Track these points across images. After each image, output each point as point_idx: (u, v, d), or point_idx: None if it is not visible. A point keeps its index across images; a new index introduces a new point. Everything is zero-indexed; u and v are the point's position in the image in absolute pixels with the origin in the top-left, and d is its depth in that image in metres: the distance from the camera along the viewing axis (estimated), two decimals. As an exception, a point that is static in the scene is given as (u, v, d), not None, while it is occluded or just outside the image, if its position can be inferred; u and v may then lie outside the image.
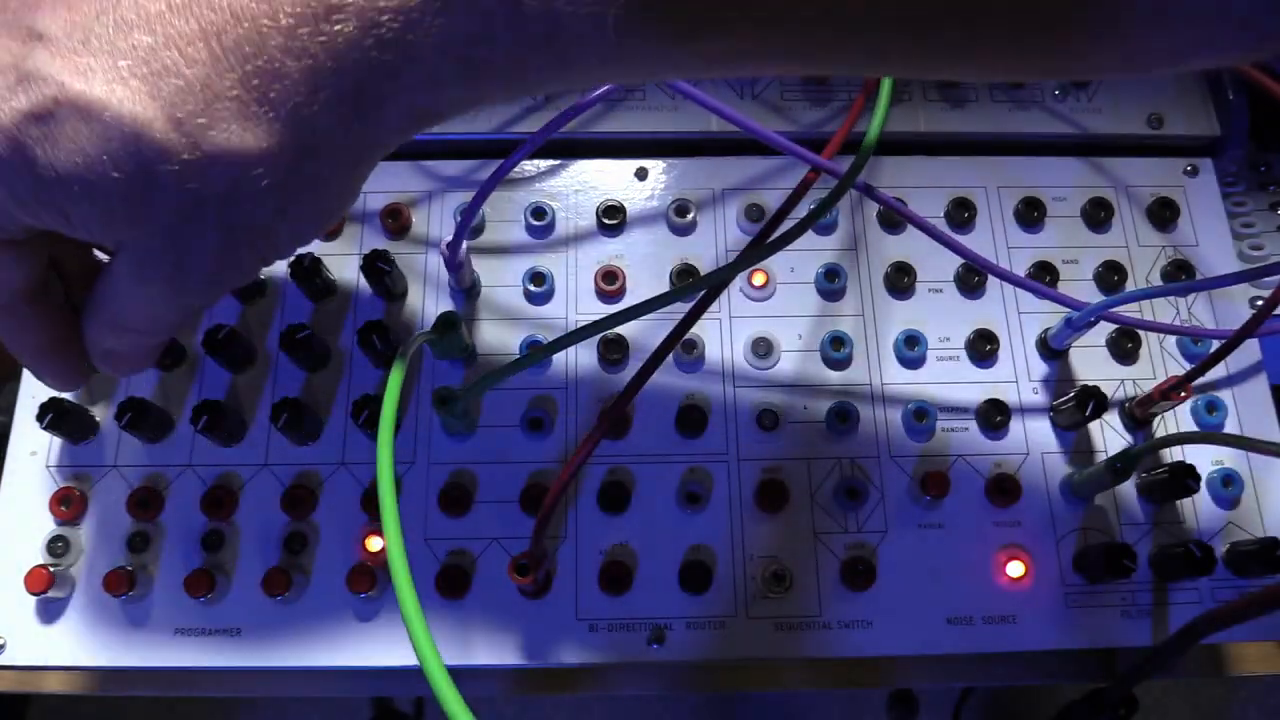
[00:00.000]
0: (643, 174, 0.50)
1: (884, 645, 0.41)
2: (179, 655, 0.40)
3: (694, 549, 0.43)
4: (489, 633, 0.41)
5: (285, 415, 0.41)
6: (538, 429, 0.44)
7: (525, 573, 0.38)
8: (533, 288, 0.46)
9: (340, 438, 0.44)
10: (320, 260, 0.45)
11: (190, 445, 0.44)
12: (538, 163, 0.49)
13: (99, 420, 0.44)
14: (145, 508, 0.42)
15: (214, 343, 0.42)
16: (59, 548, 0.41)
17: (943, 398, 0.46)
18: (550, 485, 0.42)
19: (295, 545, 0.42)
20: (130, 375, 0.41)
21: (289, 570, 0.40)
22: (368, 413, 0.42)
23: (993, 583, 0.43)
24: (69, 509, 0.42)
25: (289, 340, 0.42)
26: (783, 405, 0.45)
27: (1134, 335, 0.47)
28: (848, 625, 0.42)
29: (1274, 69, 0.49)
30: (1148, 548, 0.43)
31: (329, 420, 0.44)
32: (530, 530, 0.38)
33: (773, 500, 0.43)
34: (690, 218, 0.48)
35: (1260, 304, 0.40)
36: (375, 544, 0.42)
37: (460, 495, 0.42)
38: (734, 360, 0.46)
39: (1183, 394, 0.43)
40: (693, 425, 0.43)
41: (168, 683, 0.45)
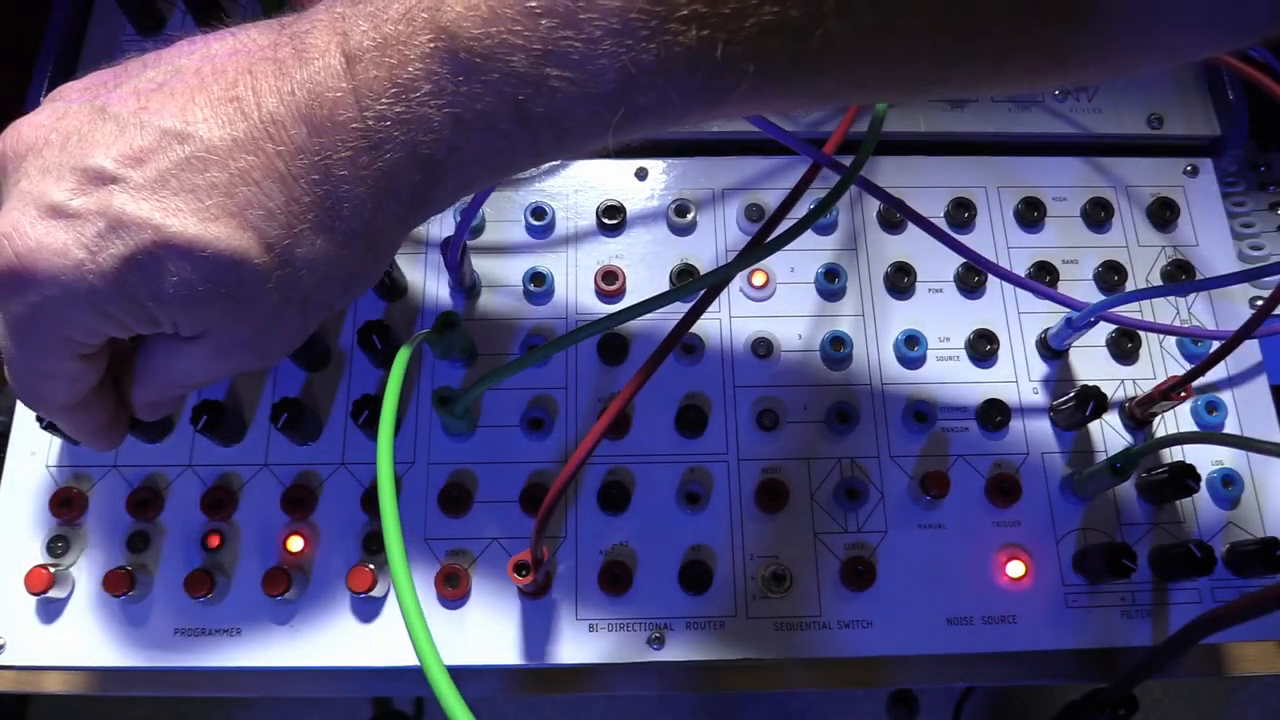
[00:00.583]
0: (643, 174, 0.50)
1: (884, 645, 0.41)
2: (179, 655, 0.40)
3: (694, 549, 0.43)
4: (489, 633, 0.41)
5: (285, 415, 0.41)
6: (538, 429, 0.44)
7: (525, 573, 0.38)
8: (533, 288, 0.46)
9: (340, 438, 0.44)
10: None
11: (190, 445, 0.44)
12: (538, 163, 0.49)
13: (99, 420, 0.44)
14: (145, 508, 0.42)
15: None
16: (59, 548, 0.41)
17: (943, 398, 0.46)
18: (550, 485, 0.42)
19: (294, 545, 0.42)
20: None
21: (289, 570, 0.40)
22: (368, 413, 0.42)
23: (993, 583, 0.42)
24: (69, 509, 0.42)
25: (289, 340, 0.42)
26: (783, 405, 0.45)
27: (1134, 335, 0.47)
28: (848, 625, 0.42)
29: (1274, 69, 0.49)
30: (1148, 548, 0.43)
31: (329, 420, 0.44)
32: (530, 530, 0.38)
33: (773, 500, 0.43)
34: (690, 218, 0.48)
35: (1260, 304, 0.40)
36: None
37: (460, 495, 0.42)
38: (734, 360, 0.46)
39: (1183, 394, 0.43)
40: (693, 425, 0.43)
41: (168, 683, 0.45)
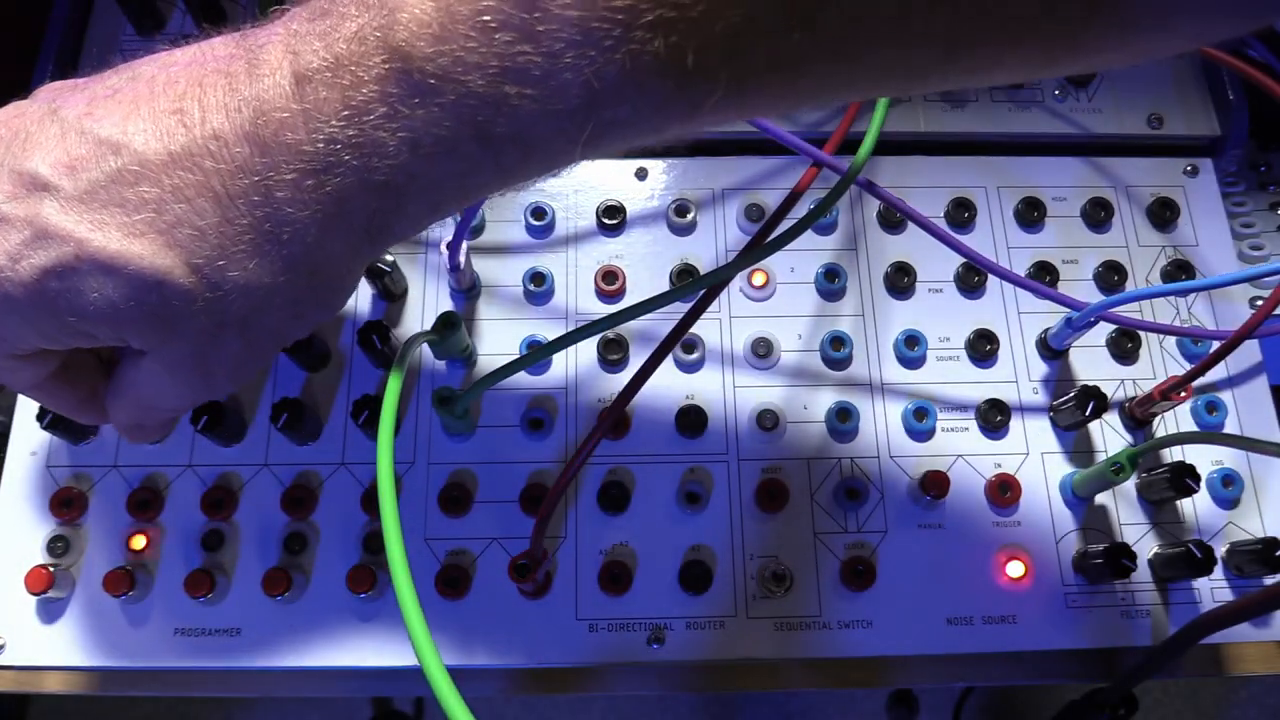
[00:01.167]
0: (643, 174, 0.50)
1: (884, 645, 0.41)
2: (179, 655, 0.40)
3: (694, 549, 0.42)
4: (489, 633, 0.41)
5: (285, 415, 0.41)
6: (538, 429, 0.44)
7: (525, 573, 0.38)
8: (533, 288, 0.46)
9: (340, 438, 0.44)
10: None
11: (190, 445, 0.43)
12: (538, 163, 0.49)
13: (99, 420, 0.44)
14: (145, 508, 0.42)
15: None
16: (59, 548, 0.41)
17: (943, 398, 0.46)
18: (550, 485, 0.42)
19: (295, 545, 0.42)
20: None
21: (289, 570, 0.40)
22: (368, 413, 0.42)
23: (993, 583, 0.42)
24: (69, 509, 0.42)
25: (289, 340, 0.42)
26: (783, 405, 0.45)
27: (1134, 335, 0.47)
28: (848, 625, 0.42)
29: (1274, 69, 0.49)
30: (1148, 548, 0.43)
31: (329, 420, 0.44)
32: (530, 530, 0.38)
33: (773, 500, 0.43)
34: (690, 218, 0.48)
35: (1260, 304, 0.40)
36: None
37: (460, 495, 0.42)
38: (734, 360, 0.46)
39: (1183, 394, 0.43)
40: (693, 425, 0.43)
41: (168, 683, 0.45)
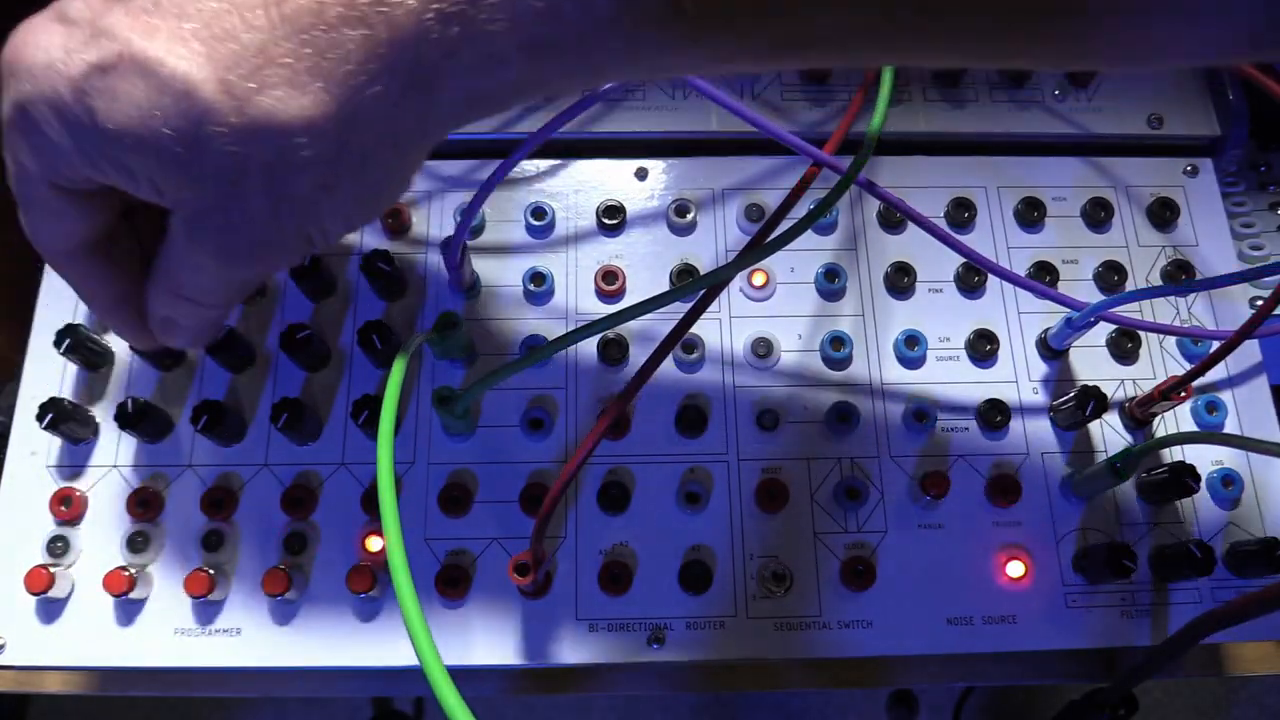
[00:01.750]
0: (643, 174, 0.50)
1: (884, 645, 0.41)
2: (179, 655, 0.40)
3: (694, 549, 0.43)
4: (489, 633, 0.41)
5: (285, 415, 0.41)
6: (538, 429, 0.44)
7: (525, 573, 0.38)
8: (533, 288, 0.46)
9: (340, 438, 0.44)
10: (320, 259, 0.45)
11: (190, 445, 0.44)
12: (538, 163, 0.49)
13: (99, 420, 0.44)
14: (145, 508, 0.42)
15: (214, 343, 0.42)
16: (59, 548, 0.41)
17: (943, 398, 0.46)
18: (550, 485, 0.42)
19: (295, 545, 0.42)
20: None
21: (289, 570, 0.40)
22: (368, 413, 0.42)
23: (993, 583, 0.42)
24: (69, 509, 0.42)
25: (289, 340, 0.42)
26: (783, 405, 0.45)
27: (1134, 335, 0.47)
28: (848, 625, 0.42)
29: (1274, 69, 0.49)
30: (1148, 548, 0.43)
31: (329, 420, 0.44)
32: (530, 530, 0.38)
33: (773, 500, 0.43)
34: (690, 218, 0.48)
35: (1260, 304, 0.40)
36: (375, 544, 0.42)
37: (460, 495, 0.42)
38: (734, 360, 0.46)
39: (1183, 394, 0.43)
40: (693, 425, 0.43)
41: (168, 683, 0.45)
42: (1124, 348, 0.47)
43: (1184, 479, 0.41)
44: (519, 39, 0.25)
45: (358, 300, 0.46)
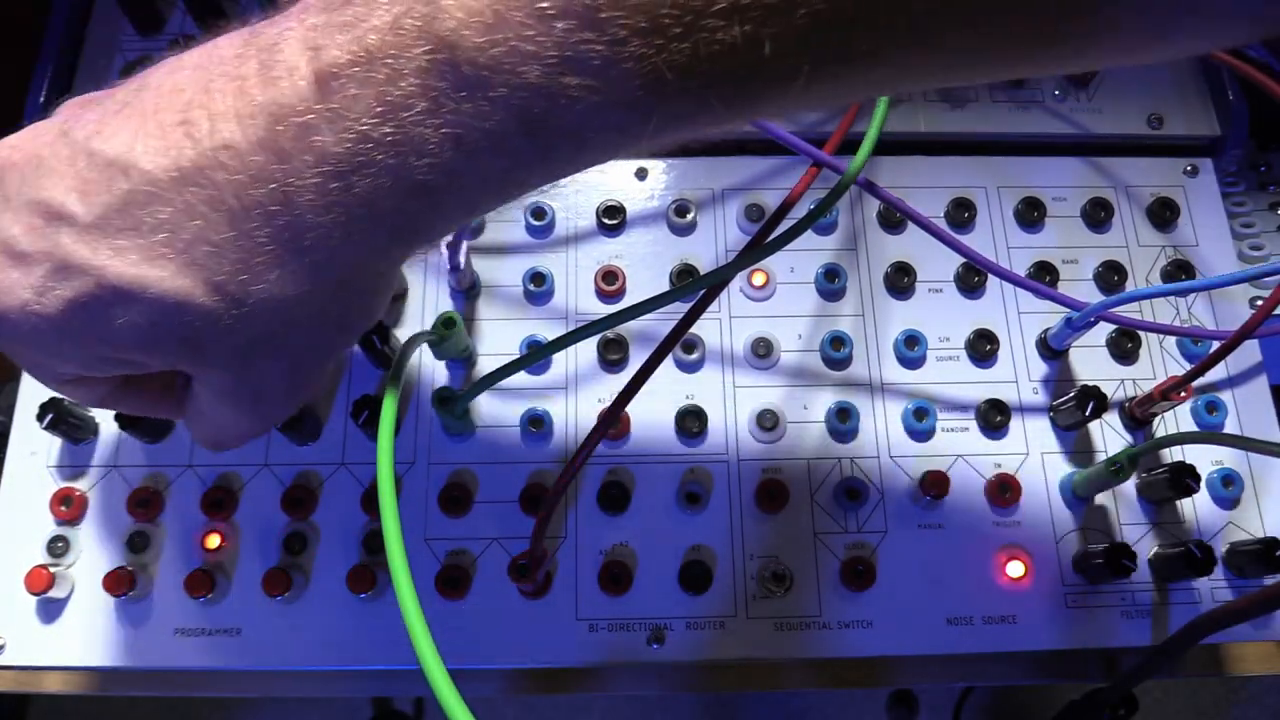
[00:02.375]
0: (643, 174, 0.50)
1: (884, 645, 0.41)
2: (179, 655, 0.40)
3: (694, 549, 0.42)
4: (489, 633, 0.41)
5: (285, 415, 0.41)
6: (538, 429, 0.44)
7: (525, 573, 0.38)
8: (533, 288, 0.46)
9: (340, 438, 0.44)
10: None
11: (190, 445, 0.44)
12: (538, 163, 0.49)
13: (99, 420, 0.44)
14: (145, 508, 0.42)
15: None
16: (59, 548, 0.41)
17: (943, 398, 0.46)
18: (550, 485, 0.42)
19: (295, 545, 0.42)
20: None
21: (289, 570, 0.40)
22: (368, 413, 0.42)
23: (993, 583, 0.42)
24: (69, 509, 0.42)
25: (289, 340, 0.42)
26: (783, 405, 0.45)
27: (1134, 335, 0.47)
28: (848, 625, 0.42)
29: (1274, 69, 0.49)
30: (1148, 548, 0.43)
31: (329, 420, 0.44)
32: (530, 530, 0.38)
33: (773, 500, 0.43)
34: (690, 218, 0.48)
35: (1260, 304, 0.40)
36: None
37: (460, 495, 0.42)
38: (734, 360, 0.46)
39: (1183, 394, 0.43)
40: (693, 425, 0.43)
41: (168, 683, 0.45)
42: (1124, 348, 0.47)
43: (1184, 479, 0.41)
44: (488, 191, 0.25)
45: (358, 300, 0.46)
